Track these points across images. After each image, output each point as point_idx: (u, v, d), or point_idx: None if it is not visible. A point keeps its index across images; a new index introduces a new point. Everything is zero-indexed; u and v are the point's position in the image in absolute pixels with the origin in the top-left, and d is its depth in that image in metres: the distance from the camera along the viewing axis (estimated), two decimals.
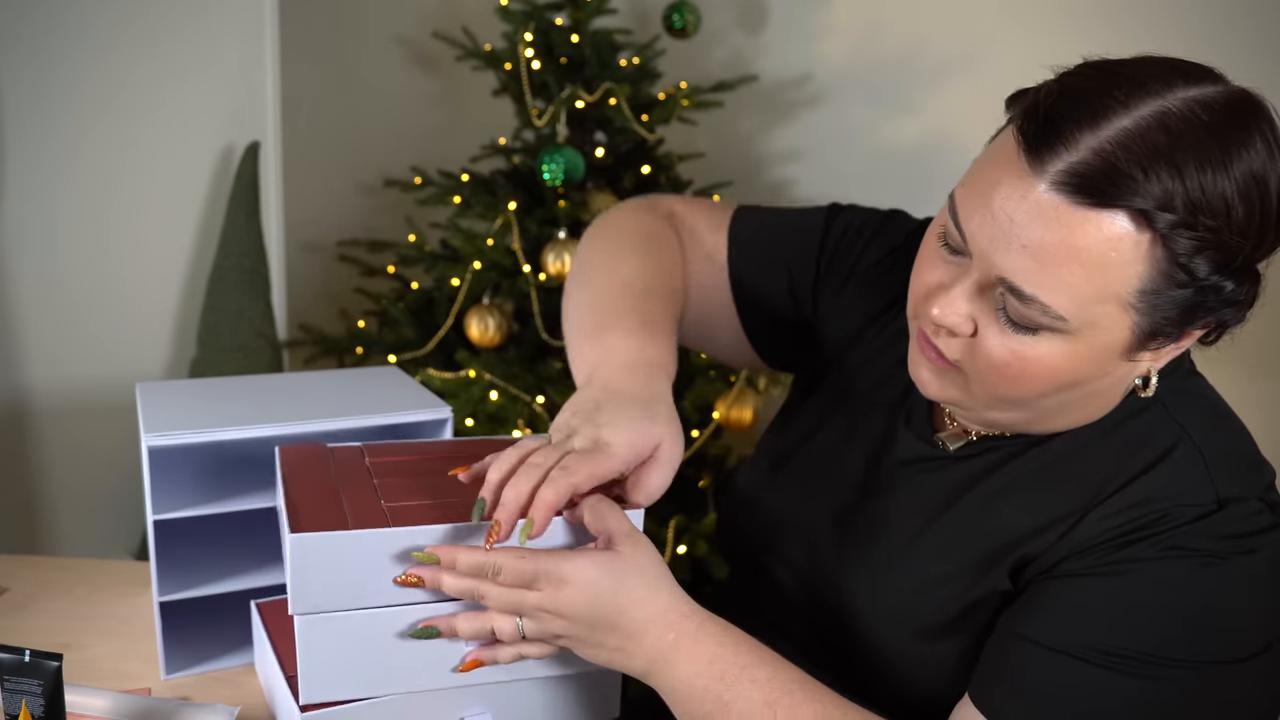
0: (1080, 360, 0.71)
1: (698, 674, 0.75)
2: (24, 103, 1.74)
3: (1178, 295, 0.68)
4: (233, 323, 1.92)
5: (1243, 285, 0.69)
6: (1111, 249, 0.66)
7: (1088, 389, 0.74)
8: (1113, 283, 0.67)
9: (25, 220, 1.78)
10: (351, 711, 0.79)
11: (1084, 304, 0.68)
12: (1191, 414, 0.77)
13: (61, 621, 1.08)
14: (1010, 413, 0.77)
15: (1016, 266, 0.68)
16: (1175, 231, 0.65)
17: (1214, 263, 0.67)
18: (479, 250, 1.85)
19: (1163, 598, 0.71)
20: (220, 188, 2.00)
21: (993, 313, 0.72)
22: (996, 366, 0.72)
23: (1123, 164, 0.65)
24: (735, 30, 2.33)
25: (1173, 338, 0.72)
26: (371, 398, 1.07)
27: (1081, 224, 0.66)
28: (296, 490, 0.83)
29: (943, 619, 0.80)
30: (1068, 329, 0.69)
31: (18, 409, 1.82)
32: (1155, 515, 0.73)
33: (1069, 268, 0.67)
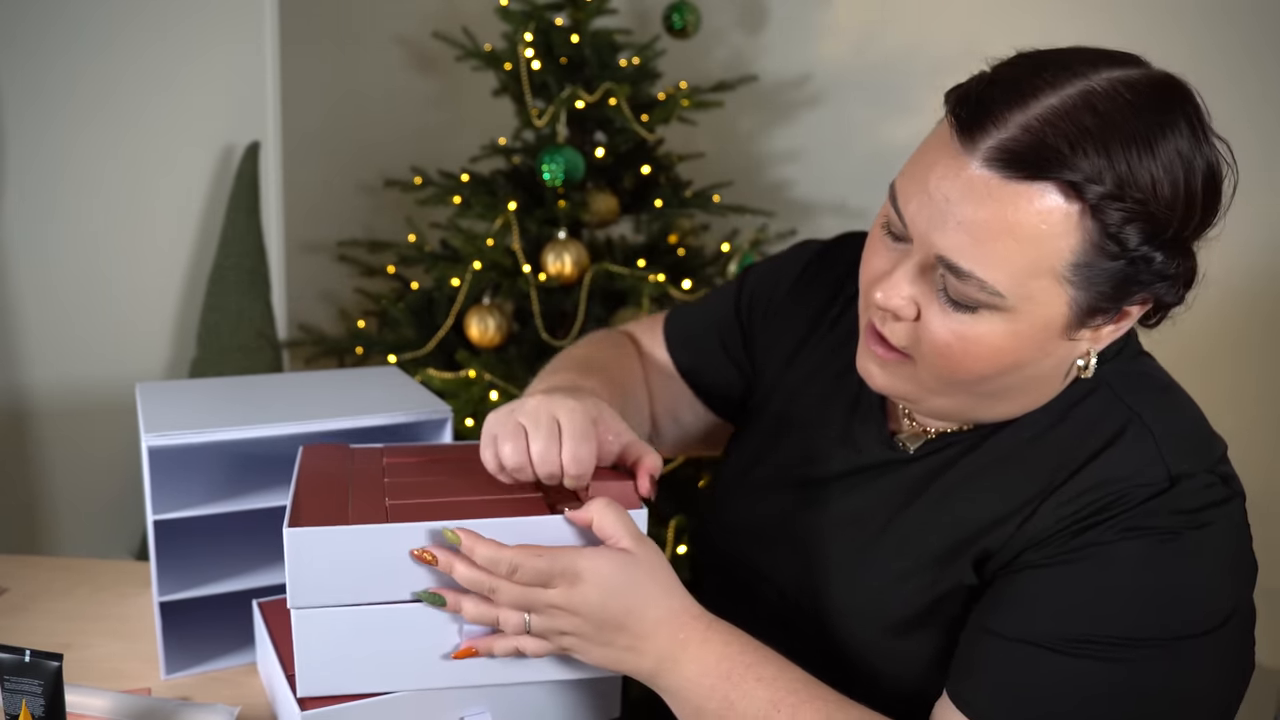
0: (1021, 339, 0.72)
1: (705, 673, 0.75)
2: (23, 103, 1.74)
3: (1110, 267, 0.70)
4: (233, 323, 1.92)
5: (1173, 259, 0.71)
6: (1043, 221, 0.68)
7: (1030, 371, 0.75)
8: (1046, 255, 0.69)
9: (25, 220, 1.78)
10: (351, 710, 0.79)
11: (1019, 279, 0.70)
12: (1139, 394, 0.78)
13: (61, 621, 1.08)
14: (956, 398, 0.78)
15: (953, 244, 0.70)
16: (1104, 202, 0.67)
17: (1143, 234, 0.69)
18: (479, 250, 1.85)
19: (1123, 580, 0.71)
20: (220, 188, 2.00)
21: (934, 295, 0.74)
22: (940, 349, 0.74)
23: (1050, 139, 0.67)
24: (735, 30, 2.33)
25: (1110, 315, 0.73)
26: (371, 398, 1.07)
27: (1013, 198, 0.68)
28: (304, 487, 0.83)
29: (910, 613, 0.81)
30: (1005, 305, 0.71)
31: (18, 409, 1.82)
32: (1110, 498, 0.73)
33: (1003, 242, 0.69)
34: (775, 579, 0.91)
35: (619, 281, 1.85)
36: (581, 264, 1.84)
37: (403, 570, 0.78)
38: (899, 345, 0.77)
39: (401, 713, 0.81)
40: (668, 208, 1.95)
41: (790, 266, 1.01)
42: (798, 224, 2.26)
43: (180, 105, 1.93)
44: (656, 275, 1.82)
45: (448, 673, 0.80)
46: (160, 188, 1.94)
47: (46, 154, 1.78)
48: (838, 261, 0.98)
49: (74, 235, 1.83)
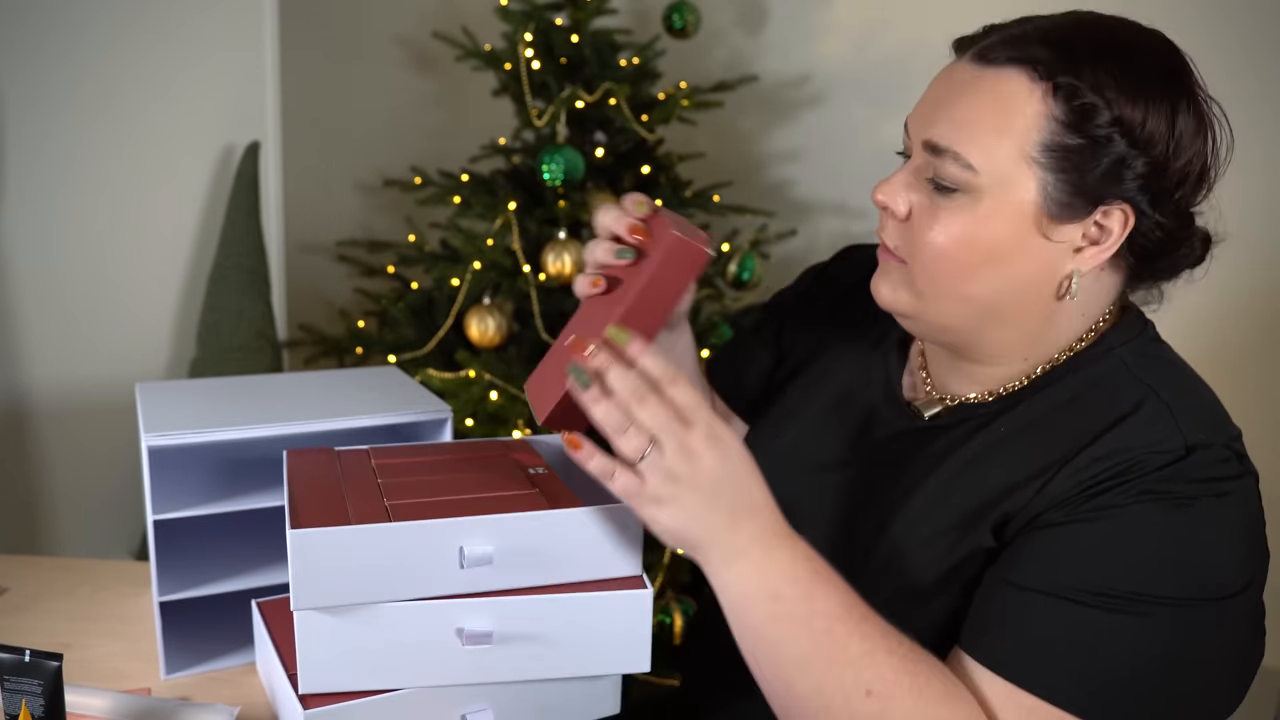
0: (996, 223, 0.77)
1: (794, 561, 0.75)
2: (24, 103, 1.74)
3: (1075, 145, 0.75)
4: (233, 323, 1.92)
5: (1142, 162, 0.75)
6: (1011, 99, 0.76)
7: (1012, 272, 0.79)
8: (1015, 134, 0.76)
9: (25, 220, 1.78)
10: (354, 708, 0.79)
11: (992, 156, 0.76)
12: (1156, 374, 0.81)
13: (62, 621, 1.08)
14: (950, 305, 0.81)
15: (937, 130, 0.79)
16: (1065, 81, 0.75)
17: (1106, 118, 0.74)
18: (479, 250, 1.85)
19: (1140, 539, 0.73)
20: (220, 188, 2.00)
21: (927, 190, 0.80)
22: (924, 239, 0.80)
23: (1027, 37, 0.77)
24: (735, 30, 2.33)
25: (1084, 214, 0.77)
26: (371, 398, 1.07)
27: (988, 82, 0.77)
28: (300, 489, 0.84)
29: (930, 578, 0.82)
30: (980, 184, 0.77)
31: (18, 409, 1.82)
32: (1126, 464, 0.75)
33: (978, 121, 0.77)
34: None
35: None
36: (581, 264, 1.84)
37: (405, 569, 0.78)
38: (893, 246, 0.83)
39: (404, 710, 0.81)
40: (668, 208, 1.94)
41: (801, 283, 1.09)
42: (798, 224, 2.26)
43: (180, 105, 1.93)
44: None
45: (450, 670, 0.81)
46: (160, 188, 1.94)
47: (47, 154, 1.78)
48: (841, 271, 1.05)
49: (74, 235, 1.83)
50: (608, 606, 0.82)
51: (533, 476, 0.90)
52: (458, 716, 0.83)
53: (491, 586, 0.80)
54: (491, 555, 0.79)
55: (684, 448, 0.72)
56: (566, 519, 0.81)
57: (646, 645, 0.83)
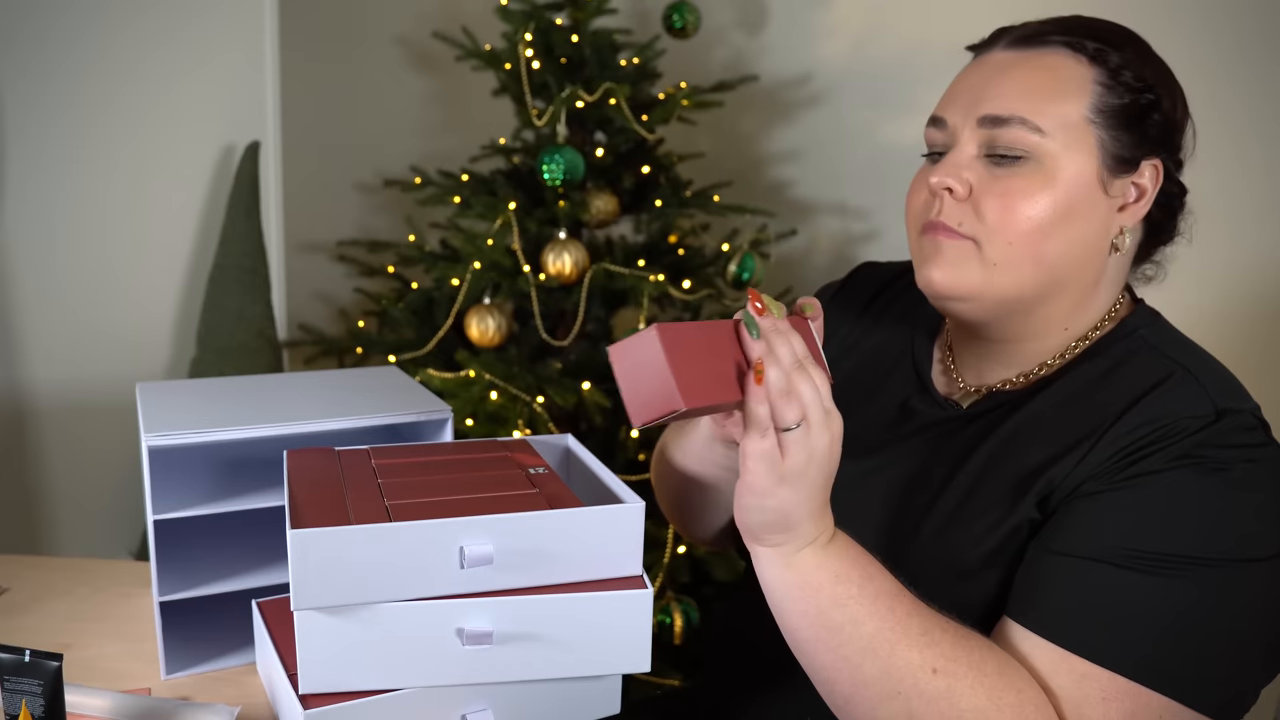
0: (1066, 181, 0.82)
1: (850, 544, 0.78)
2: (24, 103, 1.74)
3: (1120, 104, 0.83)
4: (233, 323, 1.92)
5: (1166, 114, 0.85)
6: (1061, 71, 0.84)
7: (1079, 229, 0.83)
8: (1069, 98, 0.83)
9: (25, 220, 1.78)
10: (354, 708, 0.79)
11: (1054, 118, 0.82)
12: (1178, 350, 0.85)
13: (62, 622, 1.08)
14: (1020, 270, 0.84)
15: (995, 104, 0.84)
16: (1100, 53, 0.83)
17: (1138, 80, 0.83)
18: (479, 250, 1.85)
19: (1178, 502, 0.75)
20: (220, 188, 2.00)
21: (983, 169, 0.84)
22: (996, 206, 0.83)
23: (1049, 26, 0.86)
24: (735, 30, 2.33)
25: (1131, 170, 0.84)
26: (371, 398, 1.07)
27: (1033, 59, 0.85)
28: (300, 489, 0.84)
29: (976, 555, 0.83)
30: (1046, 148, 0.82)
31: (18, 409, 1.82)
32: (1161, 430, 0.78)
33: (1035, 88, 0.83)
34: None
35: (619, 281, 1.85)
36: (581, 264, 1.84)
37: (405, 569, 0.78)
38: (956, 224, 0.84)
39: (404, 710, 0.81)
40: (668, 208, 1.95)
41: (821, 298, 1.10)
42: (798, 224, 2.26)
43: (180, 105, 1.93)
44: (656, 275, 1.82)
45: (450, 670, 0.81)
46: (160, 187, 1.94)
47: (47, 154, 1.78)
48: (857, 287, 1.07)
49: (74, 235, 1.83)
50: (608, 606, 0.82)
51: (533, 476, 0.90)
52: (458, 716, 0.83)
53: (491, 586, 0.80)
54: (491, 555, 0.79)
55: (829, 432, 0.74)
56: (566, 519, 0.81)
57: (646, 645, 0.83)
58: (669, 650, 1.81)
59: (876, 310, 1.04)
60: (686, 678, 1.81)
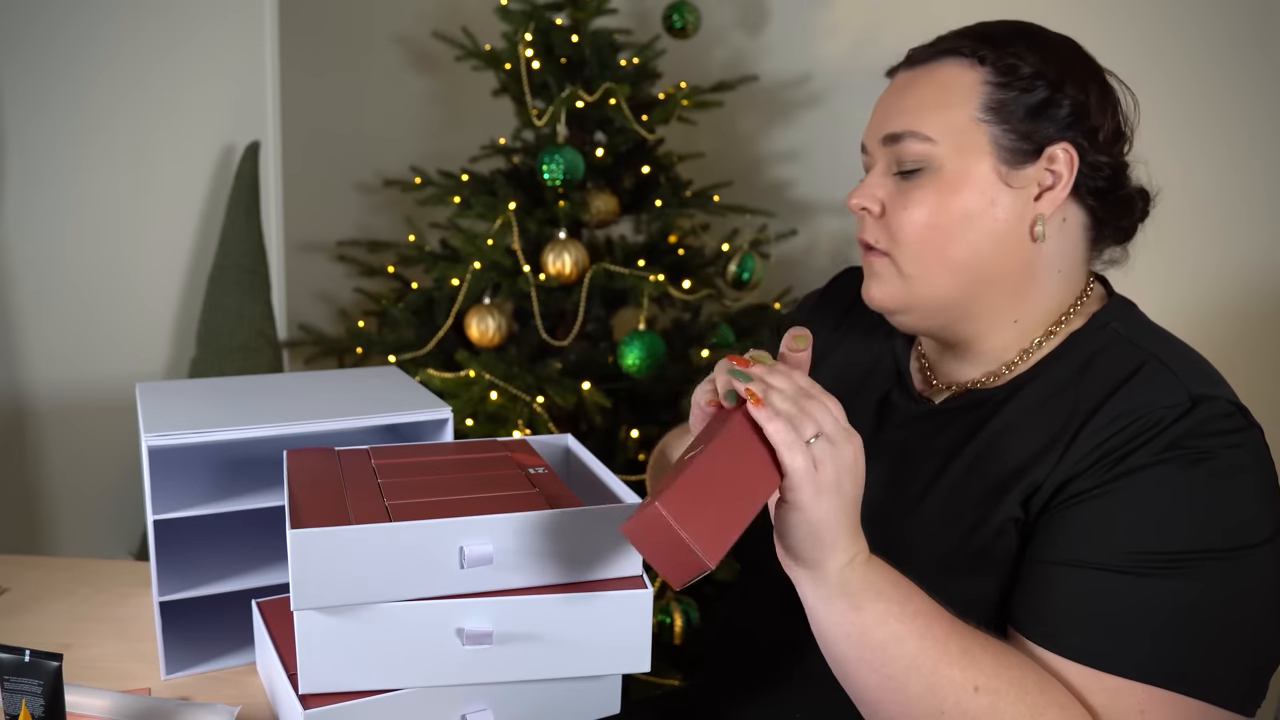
0: (959, 182, 0.85)
1: (885, 563, 0.78)
2: (24, 102, 1.74)
3: (1010, 97, 0.85)
4: (233, 323, 1.92)
5: (1068, 103, 0.85)
6: (948, 79, 0.87)
7: (986, 226, 0.85)
8: (959, 104, 0.86)
9: (26, 220, 1.78)
10: (354, 708, 0.79)
11: (945, 127, 0.85)
12: (1151, 340, 0.85)
13: (62, 621, 1.08)
14: (939, 277, 0.87)
15: (891, 124, 0.88)
16: (987, 53, 0.86)
17: (1028, 71, 0.85)
18: (479, 250, 1.85)
19: (1168, 498, 0.75)
20: (220, 188, 2.00)
21: (893, 185, 0.88)
22: (903, 219, 0.87)
23: (945, 38, 0.90)
24: (735, 30, 2.33)
25: (1033, 156, 0.85)
26: (371, 398, 1.07)
27: (925, 75, 0.89)
28: (300, 489, 0.84)
29: (966, 555, 0.83)
30: (939, 154, 0.85)
31: (18, 409, 1.82)
32: (1140, 424, 0.78)
33: (925, 104, 0.87)
34: None
35: (619, 281, 1.85)
36: (581, 264, 1.84)
37: (405, 569, 0.78)
38: (874, 241, 0.89)
39: (404, 710, 0.81)
40: (668, 208, 1.95)
41: (801, 309, 1.13)
42: (798, 224, 2.26)
43: (181, 106, 1.93)
44: (656, 275, 1.82)
45: (450, 670, 0.81)
46: (160, 187, 1.94)
47: (48, 154, 1.78)
48: (839, 290, 1.09)
49: (75, 235, 1.83)
50: (608, 606, 0.82)
51: (533, 476, 0.90)
52: (458, 716, 0.83)
53: (491, 586, 0.80)
54: (491, 555, 0.79)
55: (852, 445, 0.75)
56: (566, 519, 0.81)
57: (646, 645, 0.83)
58: (669, 650, 1.81)
59: (856, 314, 1.05)
60: (686, 678, 1.81)
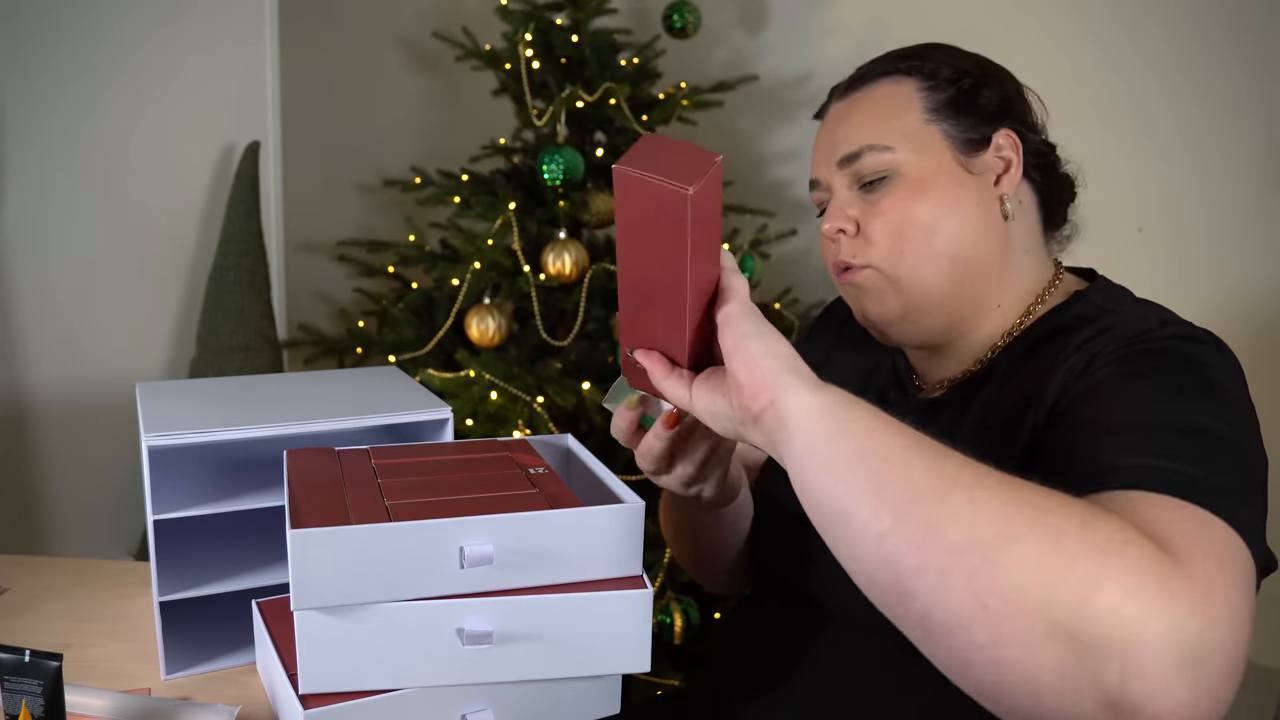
0: (925, 178, 0.89)
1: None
2: (24, 103, 1.74)
3: (947, 96, 0.91)
4: (233, 323, 1.92)
5: (990, 94, 0.91)
6: (886, 95, 0.93)
7: (961, 215, 0.89)
8: (904, 112, 0.91)
9: (25, 220, 1.78)
10: (354, 708, 0.79)
11: (898, 132, 0.90)
12: (1124, 302, 0.89)
13: (61, 621, 1.08)
14: (927, 272, 0.89)
15: (844, 147, 0.92)
16: (913, 65, 0.92)
17: (951, 72, 0.92)
18: (479, 250, 1.85)
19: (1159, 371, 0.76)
20: (220, 187, 2.00)
21: (860, 201, 0.92)
22: (879, 229, 0.89)
23: (867, 68, 0.96)
24: (735, 30, 2.33)
25: (984, 144, 0.90)
26: (371, 398, 1.07)
27: (863, 98, 0.94)
28: (300, 489, 0.84)
29: None
30: (899, 159, 0.89)
31: (18, 409, 1.82)
32: (1114, 337, 0.80)
33: (873, 119, 0.91)
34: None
35: None
36: (581, 264, 1.84)
37: (405, 569, 0.78)
38: (853, 258, 0.91)
39: (404, 710, 0.81)
40: None
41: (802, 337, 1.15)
42: (798, 224, 2.26)
43: (180, 105, 1.93)
44: None
45: (450, 670, 0.81)
46: (160, 188, 1.94)
47: (48, 154, 1.78)
48: (834, 310, 1.12)
49: (74, 235, 1.83)
50: (608, 606, 0.82)
51: (533, 476, 0.90)
52: (458, 716, 0.83)
53: (491, 586, 0.80)
54: (491, 555, 0.79)
55: None
56: (566, 519, 0.81)
57: (646, 645, 0.83)
58: (669, 650, 1.81)
59: (847, 331, 1.07)
60: (686, 678, 1.81)
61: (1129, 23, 1.83)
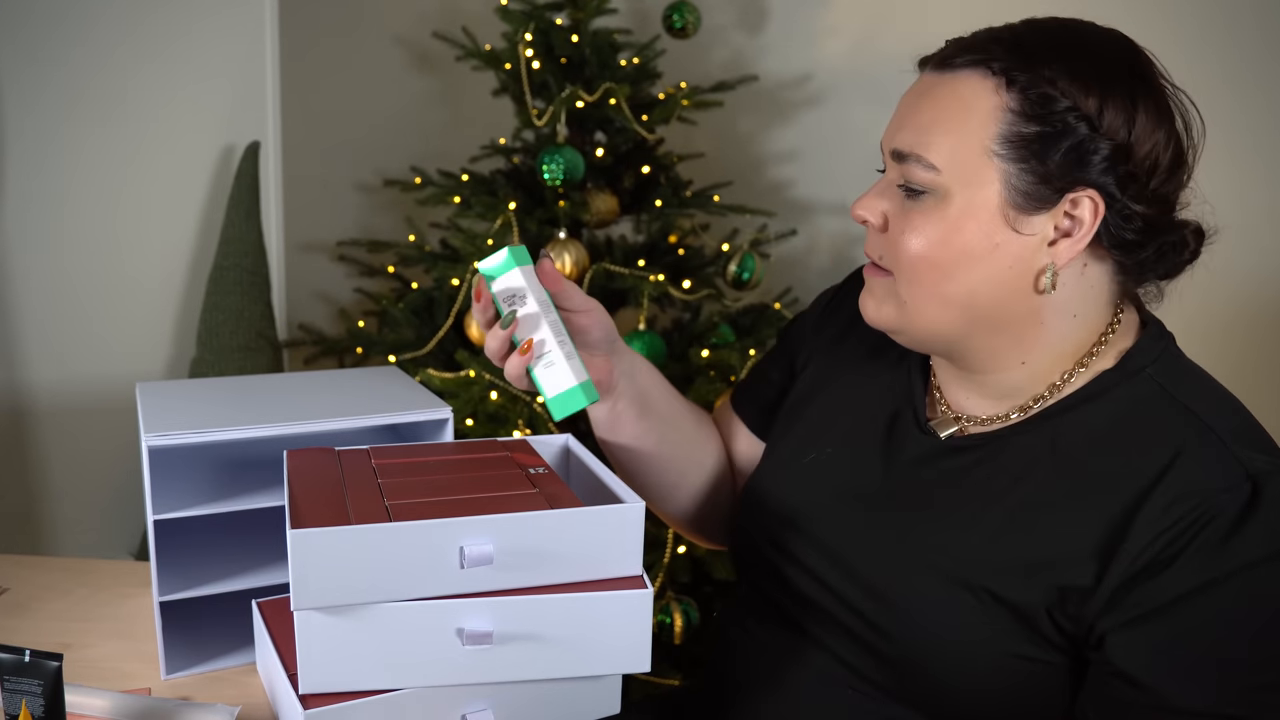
0: (961, 219, 0.78)
1: None
2: (24, 102, 1.74)
3: (1033, 132, 0.75)
4: (233, 323, 1.92)
5: (1104, 145, 0.75)
6: (966, 98, 0.78)
7: (985, 269, 0.78)
8: (974, 130, 0.77)
9: (26, 220, 1.78)
10: (354, 708, 0.79)
11: (953, 154, 0.78)
12: (1192, 393, 0.79)
13: (61, 621, 1.08)
14: (934, 307, 0.81)
15: (902, 138, 0.81)
16: (1017, 74, 0.76)
17: (1063, 103, 0.75)
18: (479, 250, 1.85)
19: (1255, 616, 0.71)
20: (220, 188, 2.00)
21: (900, 199, 0.82)
22: (899, 241, 0.81)
23: (979, 41, 0.79)
24: (735, 30, 2.33)
25: (1049, 202, 0.76)
26: (371, 398, 1.07)
27: (944, 85, 0.80)
28: (300, 489, 0.84)
29: (978, 620, 0.79)
30: (943, 183, 0.78)
31: (18, 409, 1.82)
32: (1199, 511, 0.72)
33: (937, 123, 0.79)
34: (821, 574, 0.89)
35: (619, 281, 1.85)
36: (581, 264, 1.84)
37: (405, 569, 0.78)
38: (877, 257, 0.84)
39: (404, 710, 0.81)
40: (668, 208, 1.95)
41: (814, 308, 1.07)
42: (798, 224, 2.26)
43: (181, 105, 1.92)
44: (656, 275, 1.82)
45: (450, 670, 0.81)
46: (160, 187, 1.94)
47: (47, 153, 1.78)
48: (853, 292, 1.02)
49: (75, 235, 1.83)
50: (608, 606, 0.82)
51: (533, 476, 0.90)
52: (458, 716, 0.83)
53: (491, 586, 0.80)
54: (491, 555, 0.79)
55: None
56: (566, 519, 0.81)
57: (646, 645, 0.83)
58: (669, 650, 1.81)
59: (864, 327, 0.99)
60: (686, 678, 1.81)
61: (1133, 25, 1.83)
